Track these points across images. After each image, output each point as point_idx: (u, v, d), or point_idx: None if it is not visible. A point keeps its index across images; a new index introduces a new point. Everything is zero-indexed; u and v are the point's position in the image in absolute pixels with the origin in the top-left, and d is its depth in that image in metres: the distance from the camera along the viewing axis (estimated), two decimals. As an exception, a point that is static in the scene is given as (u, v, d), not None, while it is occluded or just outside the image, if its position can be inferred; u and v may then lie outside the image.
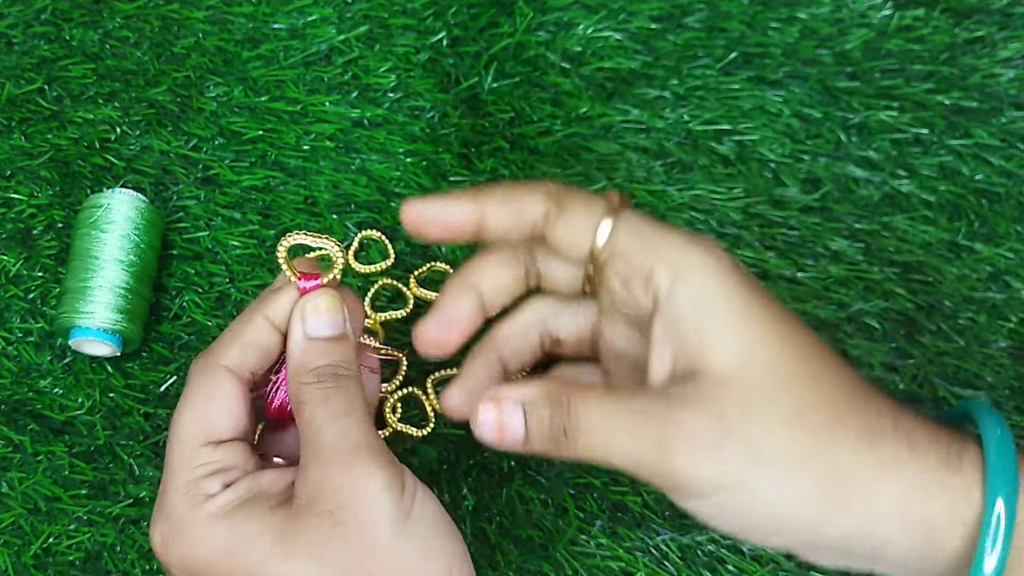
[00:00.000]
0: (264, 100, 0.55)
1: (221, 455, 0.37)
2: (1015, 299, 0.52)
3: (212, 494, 0.36)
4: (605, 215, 0.36)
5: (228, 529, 0.35)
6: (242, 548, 0.35)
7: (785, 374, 0.33)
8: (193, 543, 0.35)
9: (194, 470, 0.36)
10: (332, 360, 0.37)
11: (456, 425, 0.48)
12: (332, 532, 0.34)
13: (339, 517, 0.34)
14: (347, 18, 0.57)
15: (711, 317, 0.34)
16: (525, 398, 0.35)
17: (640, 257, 0.35)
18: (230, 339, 0.38)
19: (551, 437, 0.34)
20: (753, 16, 0.58)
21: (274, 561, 0.34)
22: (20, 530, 0.46)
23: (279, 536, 0.35)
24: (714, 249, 0.35)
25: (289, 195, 0.53)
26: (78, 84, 0.54)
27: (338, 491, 0.34)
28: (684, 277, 0.34)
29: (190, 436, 0.37)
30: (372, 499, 0.34)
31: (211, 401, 0.37)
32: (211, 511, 0.35)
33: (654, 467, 0.33)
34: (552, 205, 0.36)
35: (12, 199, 0.52)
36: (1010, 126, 0.55)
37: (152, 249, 0.49)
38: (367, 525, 0.34)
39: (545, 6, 0.57)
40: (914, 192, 0.54)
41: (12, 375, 0.49)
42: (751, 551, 0.46)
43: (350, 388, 0.37)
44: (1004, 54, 0.57)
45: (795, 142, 0.55)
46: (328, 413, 0.36)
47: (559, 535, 0.46)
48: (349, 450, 0.35)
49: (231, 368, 0.38)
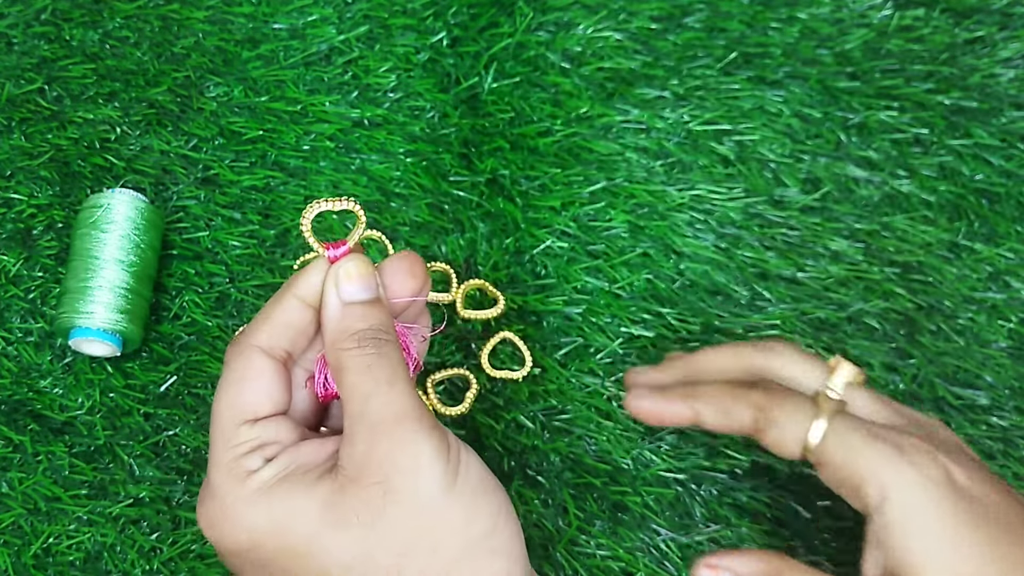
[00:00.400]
0: (264, 100, 0.55)
1: (260, 431, 0.37)
2: (1015, 299, 0.52)
3: (254, 470, 0.36)
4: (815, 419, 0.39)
5: (272, 504, 0.35)
6: (288, 523, 0.35)
7: None
8: (238, 521, 0.35)
9: (235, 448, 0.36)
10: (371, 324, 0.37)
11: (457, 426, 0.48)
12: (383, 501, 0.34)
13: (389, 487, 0.34)
14: (347, 18, 0.57)
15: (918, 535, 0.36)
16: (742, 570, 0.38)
17: (848, 470, 0.38)
18: (261, 320, 0.38)
19: None
20: (753, 16, 0.58)
21: (324, 533, 0.34)
22: (20, 530, 0.46)
23: (327, 508, 0.35)
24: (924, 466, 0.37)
25: (289, 195, 0.53)
26: (78, 84, 0.54)
27: (387, 461, 0.34)
28: (891, 496, 0.37)
29: (228, 417, 0.37)
30: (422, 467, 0.34)
31: (245, 381, 0.37)
32: (254, 487, 0.35)
33: None
34: (761, 416, 0.40)
35: (12, 199, 0.52)
36: (1010, 126, 0.55)
37: (152, 249, 0.49)
38: (417, 493, 0.34)
39: (545, 6, 0.57)
40: (914, 192, 0.54)
41: (12, 375, 0.49)
42: (751, 551, 0.47)
43: (392, 354, 0.37)
44: (1004, 54, 0.57)
45: (795, 142, 0.55)
46: (372, 382, 0.36)
47: (559, 535, 0.46)
48: (395, 419, 0.35)
49: (263, 348, 0.38)
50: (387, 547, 0.34)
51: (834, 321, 0.51)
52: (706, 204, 0.53)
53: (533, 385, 0.49)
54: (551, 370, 0.50)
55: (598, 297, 0.51)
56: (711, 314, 0.51)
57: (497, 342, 0.49)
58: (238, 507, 0.35)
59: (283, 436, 0.37)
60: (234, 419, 0.37)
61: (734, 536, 0.47)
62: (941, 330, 0.52)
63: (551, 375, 0.49)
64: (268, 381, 0.37)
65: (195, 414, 0.48)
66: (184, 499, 0.47)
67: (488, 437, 0.49)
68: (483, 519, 0.36)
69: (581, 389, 0.49)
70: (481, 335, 0.50)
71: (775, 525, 0.47)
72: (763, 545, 0.47)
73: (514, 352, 0.50)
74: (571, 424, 0.49)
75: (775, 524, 0.47)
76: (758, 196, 0.53)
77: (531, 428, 0.49)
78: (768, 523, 0.47)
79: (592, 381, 0.49)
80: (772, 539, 0.47)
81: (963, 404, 0.50)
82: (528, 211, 0.53)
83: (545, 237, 0.52)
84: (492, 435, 0.48)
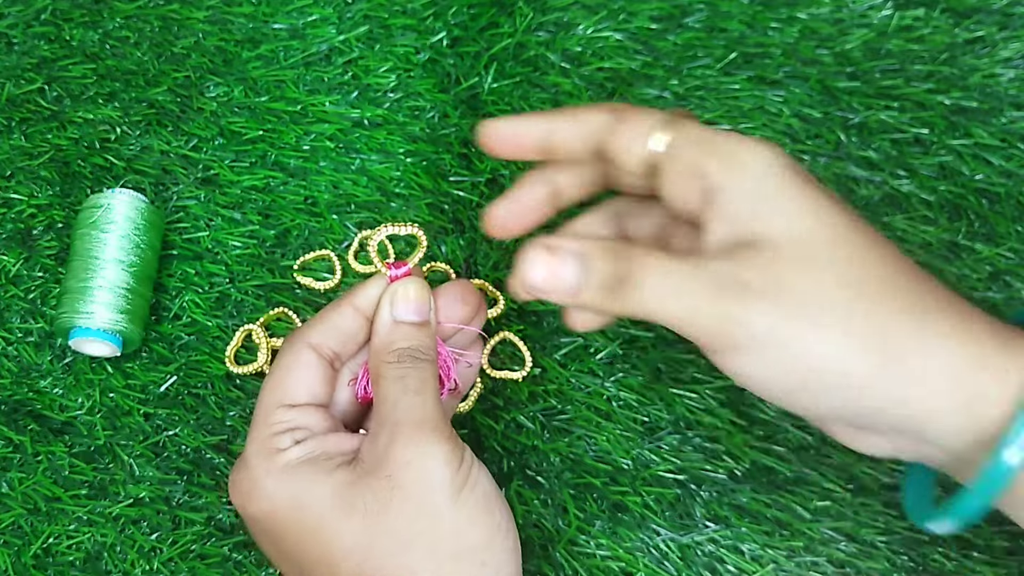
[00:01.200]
0: (264, 100, 0.55)
1: (294, 415, 0.40)
2: (1015, 299, 0.52)
3: (283, 448, 0.39)
4: (661, 124, 0.37)
5: (294, 482, 0.38)
6: (305, 501, 0.38)
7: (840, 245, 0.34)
8: (262, 492, 0.39)
9: (270, 427, 0.40)
10: (413, 344, 0.41)
11: (457, 427, 0.48)
12: (390, 494, 0.37)
13: (398, 481, 0.37)
14: (347, 18, 0.57)
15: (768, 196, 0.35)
16: (584, 250, 0.35)
17: (694, 155, 0.36)
18: (317, 320, 0.42)
19: (607, 287, 0.35)
20: (753, 16, 0.58)
21: (333, 515, 0.37)
22: (20, 530, 0.46)
23: (339, 493, 0.38)
24: (771, 147, 0.36)
25: (289, 195, 0.53)
26: (78, 84, 0.54)
27: (401, 458, 0.37)
28: (739, 168, 0.35)
29: (269, 399, 0.41)
30: (430, 469, 0.37)
31: (289, 371, 0.41)
32: (280, 464, 0.39)
33: (708, 320, 0.34)
34: (613, 117, 0.37)
35: (12, 199, 0.52)
36: (1010, 126, 0.55)
37: (152, 249, 0.49)
38: (423, 491, 0.37)
39: (545, 6, 0.57)
40: (914, 192, 0.54)
41: (12, 375, 0.49)
42: (751, 551, 0.47)
43: (426, 371, 0.40)
44: (1004, 54, 0.57)
45: (795, 142, 0.55)
46: (402, 390, 0.39)
47: (559, 535, 0.46)
48: (415, 424, 0.38)
49: (312, 344, 0.42)
50: (387, 538, 0.37)
51: (834, 321, 0.51)
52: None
53: (533, 385, 0.49)
54: (551, 370, 0.50)
55: (598, 297, 0.51)
56: (711, 314, 0.51)
57: (497, 342, 0.50)
58: (264, 480, 0.39)
59: (314, 424, 0.41)
60: (274, 402, 0.41)
61: (734, 536, 0.47)
62: (941, 330, 0.52)
63: (551, 375, 0.49)
64: (310, 374, 0.41)
65: (195, 414, 0.49)
66: (184, 499, 0.47)
67: (488, 437, 0.49)
68: (480, 531, 0.38)
69: (581, 389, 0.49)
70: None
71: (775, 525, 0.47)
72: (762, 545, 0.47)
73: (514, 352, 0.50)
74: (571, 424, 0.49)
75: (775, 524, 0.47)
76: (758, 196, 0.54)
77: (531, 428, 0.49)
78: (768, 523, 0.47)
79: (592, 381, 0.49)
80: (772, 539, 0.47)
81: (963, 404, 0.50)
82: (528, 211, 0.53)
83: (545, 237, 0.52)
84: (492, 435, 0.49)
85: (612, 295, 0.35)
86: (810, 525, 0.47)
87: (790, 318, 0.33)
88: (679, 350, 0.50)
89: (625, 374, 0.49)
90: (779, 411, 0.49)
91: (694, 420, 0.49)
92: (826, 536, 0.47)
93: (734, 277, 0.34)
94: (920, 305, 0.34)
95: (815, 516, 0.47)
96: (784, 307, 0.33)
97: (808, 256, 0.34)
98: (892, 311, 0.34)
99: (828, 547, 0.47)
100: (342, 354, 0.43)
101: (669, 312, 0.34)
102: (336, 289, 0.51)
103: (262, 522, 0.39)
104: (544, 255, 0.35)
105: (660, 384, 0.49)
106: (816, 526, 0.47)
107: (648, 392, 0.49)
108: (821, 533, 0.47)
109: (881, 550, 0.47)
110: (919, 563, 0.47)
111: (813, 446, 0.49)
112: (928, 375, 0.34)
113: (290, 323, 0.50)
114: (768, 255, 0.34)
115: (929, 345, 0.34)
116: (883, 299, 0.34)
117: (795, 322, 0.33)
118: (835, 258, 0.34)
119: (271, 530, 0.39)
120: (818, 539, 0.47)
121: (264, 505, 0.39)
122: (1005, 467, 0.33)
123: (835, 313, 0.33)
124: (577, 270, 0.35)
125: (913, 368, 0.34)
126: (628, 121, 0.37)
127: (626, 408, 0.49)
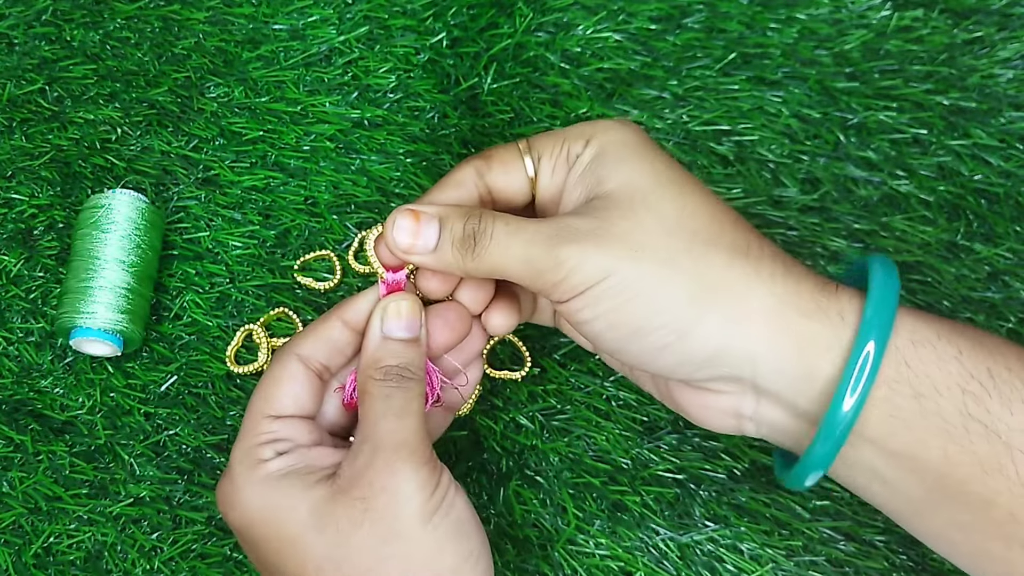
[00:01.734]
0: (264, 101, 0.55)
1: (279, 427, 0.41)
2: (1014, 299, 0.52)
3: (265, 459, 0.39)
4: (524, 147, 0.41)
5: (273, 493, 0.39)
6: (282, 513, 0.38)
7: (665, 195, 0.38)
8: (243, 501, 0.39)
9: (255, 437, 0.40)
10: (401, 361, 0.40)
11: (457, 427, 0.48)
12: (363, 516, 0.37)
13: (370, 504, 0.37)
14: (347, 19, 0.57)
15: (613, 161, 0.39)
16: (442, 213, 0.39)
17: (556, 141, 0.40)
18: (307, 332, 0.43)
19: (462, 245, 0.38)
20: (752, 17, 0.58)
21: (307, 531, 0.38)
22: (21, 529, 0.46)
23: (315, 509, 0.38)
24: (623, 121, 0.40)
25: (289, 195, 0.53)
26: (79, 85, 0.55)
27: (375, 481, 0.37)
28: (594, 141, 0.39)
29: (256, 409, 0.41)
30: (403, 494, 0.37)
31: (277, 382, 0.41)
32: (261, 475, 0.39)
33: (544, 263, 0.37)
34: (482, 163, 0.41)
35: (13, 199, 0.52)
36: (1009, 126, 0.55)
37: (153, 249, 0.49)
38: (395, 515, 0.37)
39: (545, 7, 0.57)
40: (913, 192, 0.54)
41: (13, 375, 0.49)
42: (750, 550, 0.47)
43: (410, 390, 0.40)
44: (1003, 54, 0.57)
45: (794, 142, 0.55)
46: (385, 409, 0.39)
47: (558, 535, 0.47)
48: (393, 448, 0.38)
49: (301, 356, 0.42)
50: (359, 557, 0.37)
51: (833, 321, 0.51)
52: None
53: (532, 385, 0.49)
54: (550, 370, 0.50)
55: (597, 297, 0.51)
56: (710, 314, 0.51)
57: (496, 342, 0.50)
58: (245, 489, 0.39)
59: (299, 436, 0.41)
60: (261, 411, 0.41)
61: (733, 536, 0.47)
62: (940, 330, 0.52)
63: (550, 375, 0.50)
64: (297, 385, 0.41)
65: (195, 414, 0.49)
66: (184, 499, 0.47)
67: (487, 437, 0.49)
68: (450, 557, 0.38)
69: (580, 389, 0.49)
70: None
71: (774, 525, 0.47)
72: (761, 545, 0.47)
73: (513, 352, 0.50)
74: (570, 424, 0.49)
75: (774, 524, 0.47)
76: (757, 196, 0.54)
77: (530, 428, 0.49)
78: (767, 523, 0.47)
79: (591, 381, 0.49)
80: (771, 539, 0.47)
81: (962, 404, 0.50)
82: (528, 211, 0.53)
83: (544, 237, 0.52)
84: (491, 435, 0.49)
85: (466, 252, 0.38)
86: (809, 524, 0.47)
87: (618, 257, 0.36)
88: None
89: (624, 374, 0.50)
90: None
91: (693, 420, 0.49)
92: (825, 535, 0.47)
93: (570, 226, 0.37)
94: (744, 251, 0.36)
95: (814, 515, 0.47)
96: (612, 247, 0.36)
97: (635, 203, 0.37)
98: (714, 254, 0.36)
99: (827, 546, 0.47)
100: (331, 366, 0.43)
101: (512, 263, 0.38)
102: (336, 289, 0.51)
103: (242, 530, 0.39)
104: (409, 218, 0.39)
105: (659, 384, 0.49)
106: (815, 525, 0.47)
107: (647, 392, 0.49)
108: (820, 532, 0.47)
109: (880, 549, 0.47)
110: (918, 563, 0.47)
111: (812, 446, 0.49)
112: (753, 317, 0.35)
113: (290, 323, 0.50)
114: (601, 205, 0.37)
115: (753, 288, 0.35)
116: (706, 244, 0.36)
117: (623, 261, 0.36)
118: (660, 205, 0.37)
119: (251, 538, 0.39)
120: (817, 538, 0.47)
121: (245, 514, 0.39)
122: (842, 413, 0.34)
123: (659, 254, 0.36)
124: (436, 230, 0.39)
125: (738, 310, 0.35)
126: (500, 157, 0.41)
127: (625, 407, 0.49)
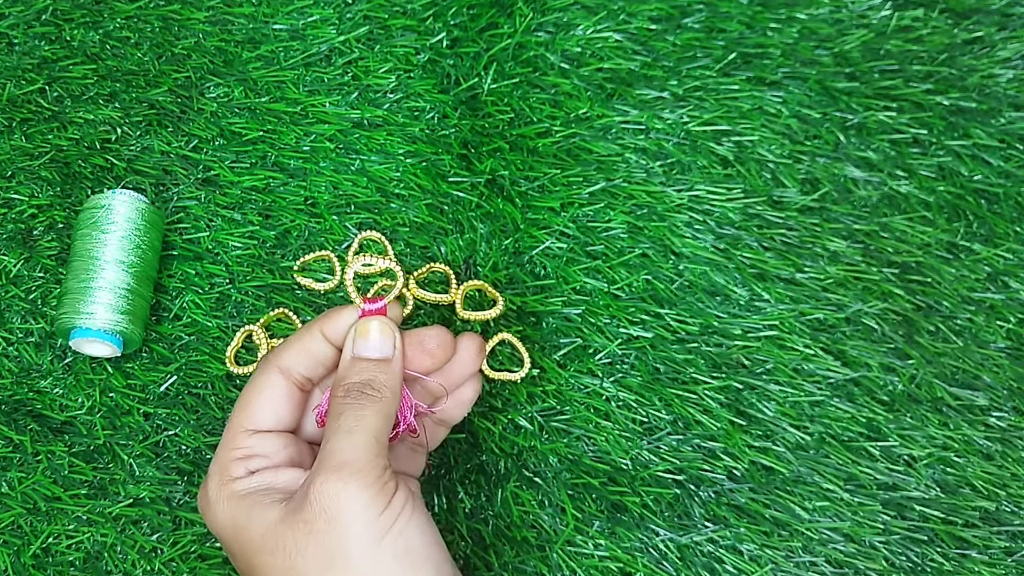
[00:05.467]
0: (264, 101, 0.55)
1: (255, 442, 0.41)
2: (1014, 299, 0.52)
3: (235, 477, 0.40)
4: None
5: (238, 509, 0.39)
6: (242, 531, 0.39)
7: None
8: (214, 512, 0.40)
9: (230, 452, 0.41)
10: (364, 379, 0.41)
11: (456, 429, 0.48)
12: (306, 540, 0.37)
13: (313, 527, 0.37)
14: (347, 19, 0.57)
15: None
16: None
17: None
18: (288, 344, 0.43)
19: None
20: (752, 17, 0.58)
21: (260, 553, 0.38)
22: (20, 530, 0.46)
23: (269, 530, 0.38)
24: None
25: (289, 196, 0.53)
26: (79, 85, 0.55)
27: (317, 502, 0.37)
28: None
29: (236, 421, 0.41)
30: (346, 516, 0.37)
31: (258, 394, 0.42)
32: (230, 491, 0.40)
33: None
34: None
35: (13, 199, 0.52)
36: (1009, 127, 0.55)
37: (152, 250, 0.49)
38: (337, 538, 0.37)
39: (545, 7, 0.57)
40: (913, 193, 0.54)
41: (12, 375, 0.49)
42: (749, 551, 0.47)
43: (365, 407, 0.40)
44: (1003, 55, 0.57)
45: (794, 143, 0.55)
46: (336, 426, 0.39)
47: (556, 536, 0.47)
48: (335, 466, 0.38)
49: (282, 368, 0.42)
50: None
51: (832, 322, 0.51)
52: (705, 205, 0.53)
53: (532, 386, 0.49)
54: (550, 371, 0.50)
55: (597, 298, 0.51)
56: (710, 315, 0.51)
57: (496, 343, 0.50)
58: (216, 501, 0.40)
59: (274, 453, 0.41)
60: (241, 424, 0.41)
61: (733, 536, 0.47)
62: (939, 331, 0.52)
63: (550, 376, 0.50)
64: (277, 398, 0.41)
65: (195, 414, 0.49)
66: (184, 499, 0.47)
67: (486, 438, 0.49)
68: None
69: (580, 390, 0.49)
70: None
71: (774, 525, 0.47)
72: (761, 546, 0.47)
73: (513, 353, 0.50)
74: (570, 424, 0.49)
75: (774, 524, 0.47)
76: (757, 197, 0.54)
77: (529, 429, 0.49)
78: (767, 523, 0.47)
79: (591, 382, 0.49)
80: (770, 539, 0.47)
81: (961, 404, 0.50)
82: (527, 212, 0.53)
83: (544, 238, 0.52)
84: (490, 436, 0.49)
85: None
86: (808, 525, 0.47)
87: None
88: (678, 350, 0.50)
89: (624, 374, 0.49)
90: (778, 411, 0.49)
91: (692, 420, 0.49)
92: (824, 536, 0.47)
93: None
94: None
95: (813, 516, 0.47)
96: None
97: None
98: None
99: (826, 547, 0.47)
100: (313, 377, 0.43)
101: None
102: (336, 290, 0.51)
103: (216, 535, 0.41)
104: None
105: (659, 384, 0.49)
106: (814, 526, 0.47)
107: (647, 392, 0.49)
108: (819, 533, 0.47)
109: (879, 550, 0.47)
110: (917, 563, 0.47)
111: (811, 446, 0.49)
112: None
113: (290, 324, 0.50)
114: None
115: None
116: None
117: None
118: None
119: (225, 546, 0.41)
120: (816, 539, 0.47)
121: (215, 522, 0.40)
122: None
123: None
124: None
125: None
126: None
127: (625, 408, 0.49)
